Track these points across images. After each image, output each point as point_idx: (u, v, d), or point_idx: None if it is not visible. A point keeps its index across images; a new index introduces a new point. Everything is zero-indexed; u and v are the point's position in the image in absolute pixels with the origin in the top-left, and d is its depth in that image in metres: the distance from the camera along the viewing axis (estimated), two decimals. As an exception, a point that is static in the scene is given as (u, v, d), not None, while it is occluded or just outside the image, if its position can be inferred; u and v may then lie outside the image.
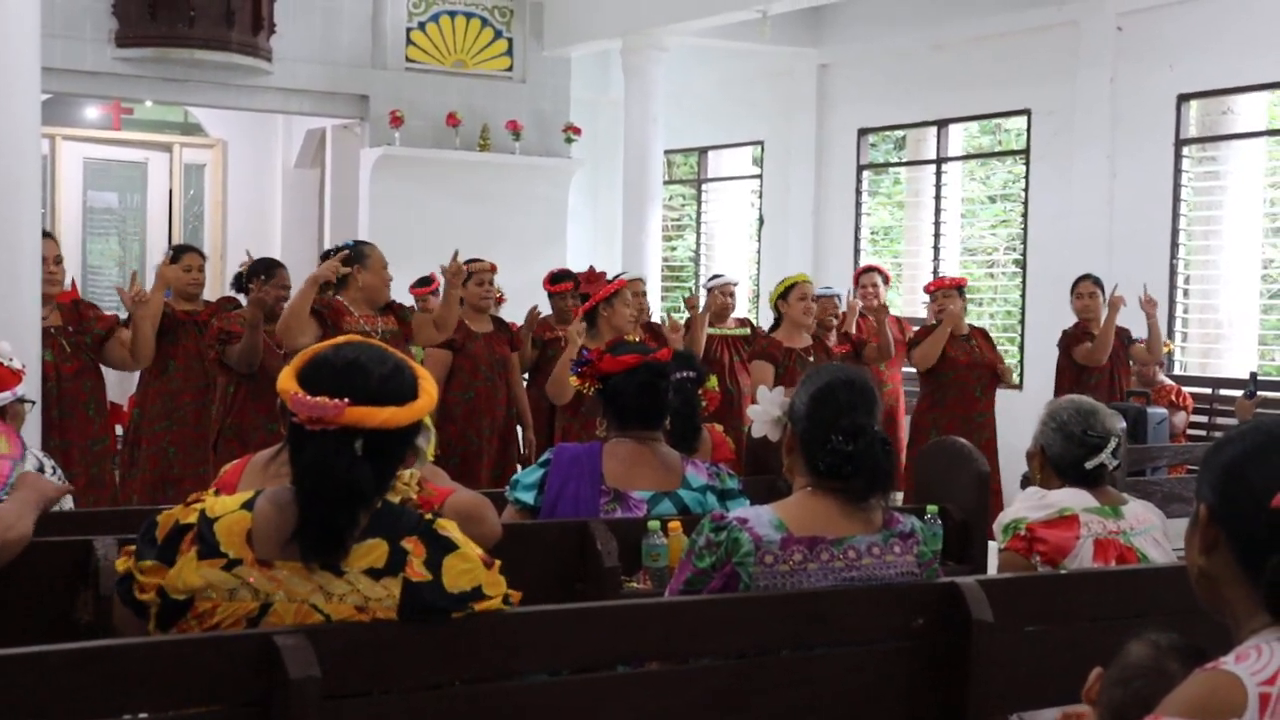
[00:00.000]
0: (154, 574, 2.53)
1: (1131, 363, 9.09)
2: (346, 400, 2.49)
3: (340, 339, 2.71)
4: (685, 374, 5.25)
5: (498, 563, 2.68)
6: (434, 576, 2.57)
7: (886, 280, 10.06)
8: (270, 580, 2.52)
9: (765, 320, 12.06)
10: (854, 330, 8.98)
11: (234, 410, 6.90)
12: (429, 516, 2.73)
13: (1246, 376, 9.27)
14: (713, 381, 4.98)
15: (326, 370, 2.57)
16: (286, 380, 2.57)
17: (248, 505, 2.57)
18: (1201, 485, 1.91)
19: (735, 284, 9.48)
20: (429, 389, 2.65)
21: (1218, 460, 1.89)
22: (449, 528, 2.66)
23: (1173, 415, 8.83)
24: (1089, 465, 3.79)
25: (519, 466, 7.68)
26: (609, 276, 7.93)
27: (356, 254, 6.73)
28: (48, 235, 6.51)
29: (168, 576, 2.51)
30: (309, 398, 2.50)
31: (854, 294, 9.58)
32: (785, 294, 8.11)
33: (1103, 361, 8.67)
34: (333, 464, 2.49)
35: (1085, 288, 8.89)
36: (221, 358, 6.86)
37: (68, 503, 4.48)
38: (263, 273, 7.26)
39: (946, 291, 8.40)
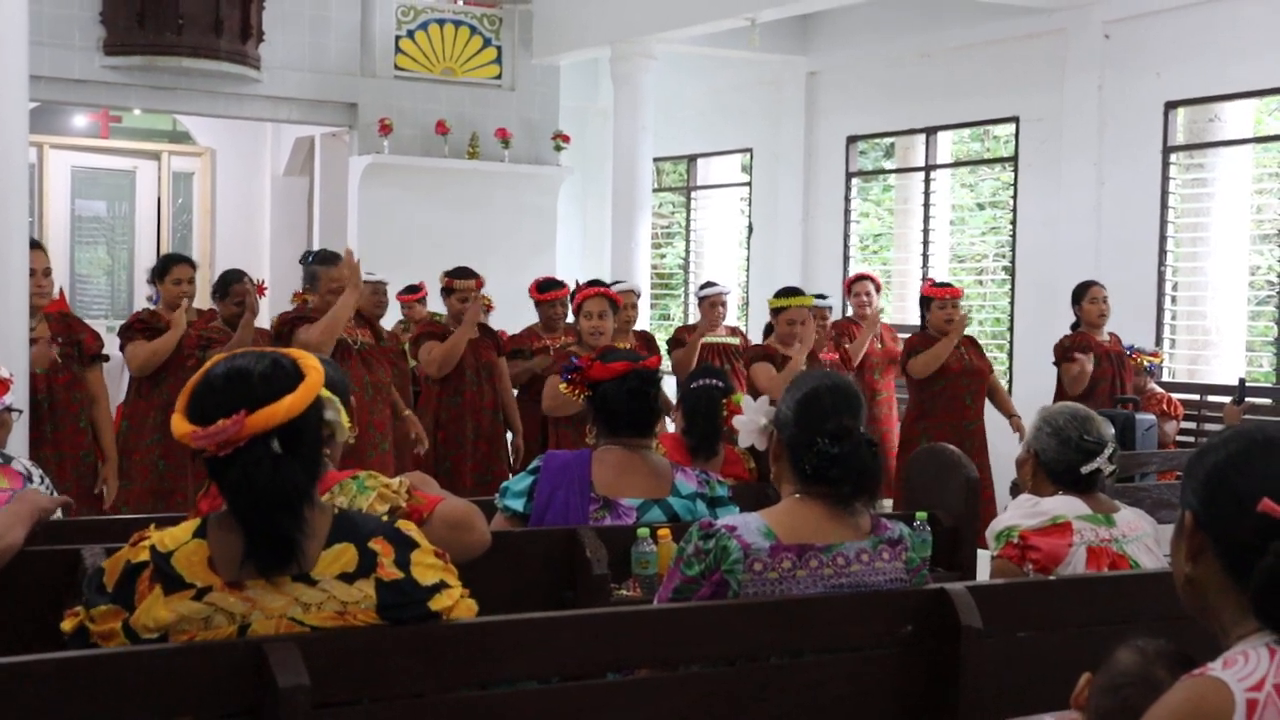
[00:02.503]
0: (111, 619, 2.48)
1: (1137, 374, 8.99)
2: (243, 411, 2.47)
3: (209, 362, 2.67)
4: (712, 382, 5.33)
5: (447, 555, 2.69)
6: (405, 574, 2.58)
7: (878, 288, 10.07)
8: (244, 601, 2.49)
9: (755, 324, 12.11)
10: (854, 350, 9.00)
11: None
12: (385, 518, 2.74)
13: (1234, 383, 9.29)
14: (738, 396, 5.03)
15: (209, 394, 2.54)
16: (179, 424, 2.53)
17: (199, 533, 2.53)
18: (1186, 492, 1.91)
19: (728, 293, 9.51)
20: (312, 363, 2.62)
21: (1201, 467, 1.90)
22: (409, 527, 2.68)
23: (1163, 424, 8.81)
24: (1085, 470, 3.79)
25: (508, 472, 7.70)
26: (590, 286, 8.04)
27: (308, 274, 6.66)
28: (38, 246, 6.48)
29: (135, 616, 2.46)
30: (206, 429, 2.47)
31: (847, 304, 9.57)
32: (778, 311, 8.07)
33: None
34: (258, 475, 2.46)
35: (1099, 292, 8.67)
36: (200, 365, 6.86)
37: (57, 513, 4.47)
38: (218, 292, 7.27)
39: (954, 301, 8.31)
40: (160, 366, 7.15)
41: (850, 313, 9.93)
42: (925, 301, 8.46)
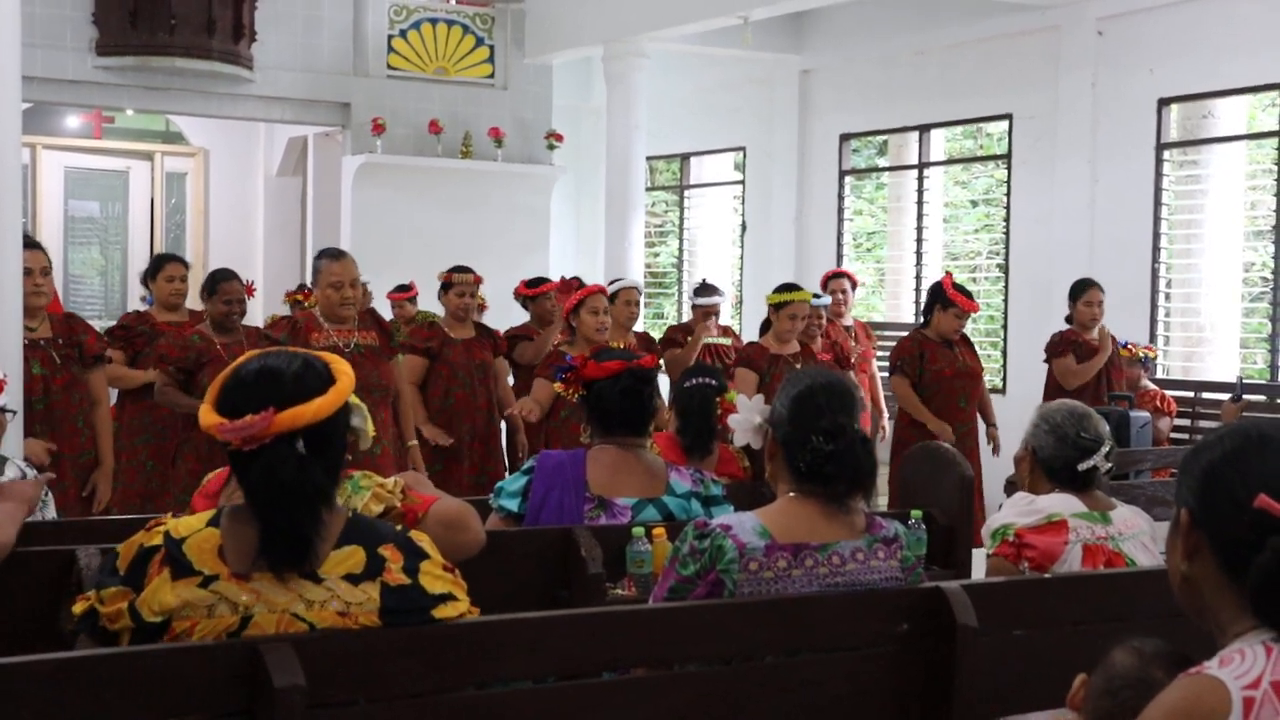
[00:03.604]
0: (119, 599, 2.51)
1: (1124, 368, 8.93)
2: (272, 408, 2.50)
3: (240, 359, 2.69)
4: (705, 380, 5.34)
5: (457, 570, 2.71)
6: (412, 581, 2.60)
7: (854, 285, 10.05)
8: (249, 593, 2.51)
9: (749, 323, 12.12)
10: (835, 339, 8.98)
11: (189, 426, 6.64)
12: (400, 528, 2.75)
13: (1229, 380, 9.30)
14: (732, 395, 5.06)
15: (240, 389, 2.57)
16: (207, 416, 2.56)
17: (213, 522, 2.57)
18: (1182, 490, 1.91)
19: (723, 296, 9.51)
20: (344, 368, 2.65)
21: (1197, 465, 1.90)
22: (421, 538, 2.69)
23: (1157, 420, 8.81)
24: (1082, 467, 3.79)
25: (504, 472, 7.69)
26: (583, 284, 8.01)
27: (314, 268, 6.64)
28: (37, 246, 6.43)
29: (141, 599, 2.49)
30: (235, 422, 2.50)
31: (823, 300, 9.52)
32: (780, 305, 7.93)
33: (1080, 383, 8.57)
34: (281, 472, 2.49)
35: (1095, 295, 8.55)
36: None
37: (50, 511, 4.47)
38: (206, 289, 7.24)
39: (970, 315, 8.19)
40: (146, 370, 7.15)
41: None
42: (941, 298, 8.15)
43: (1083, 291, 8.60)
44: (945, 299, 8.15)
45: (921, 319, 8.44)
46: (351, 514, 2.67)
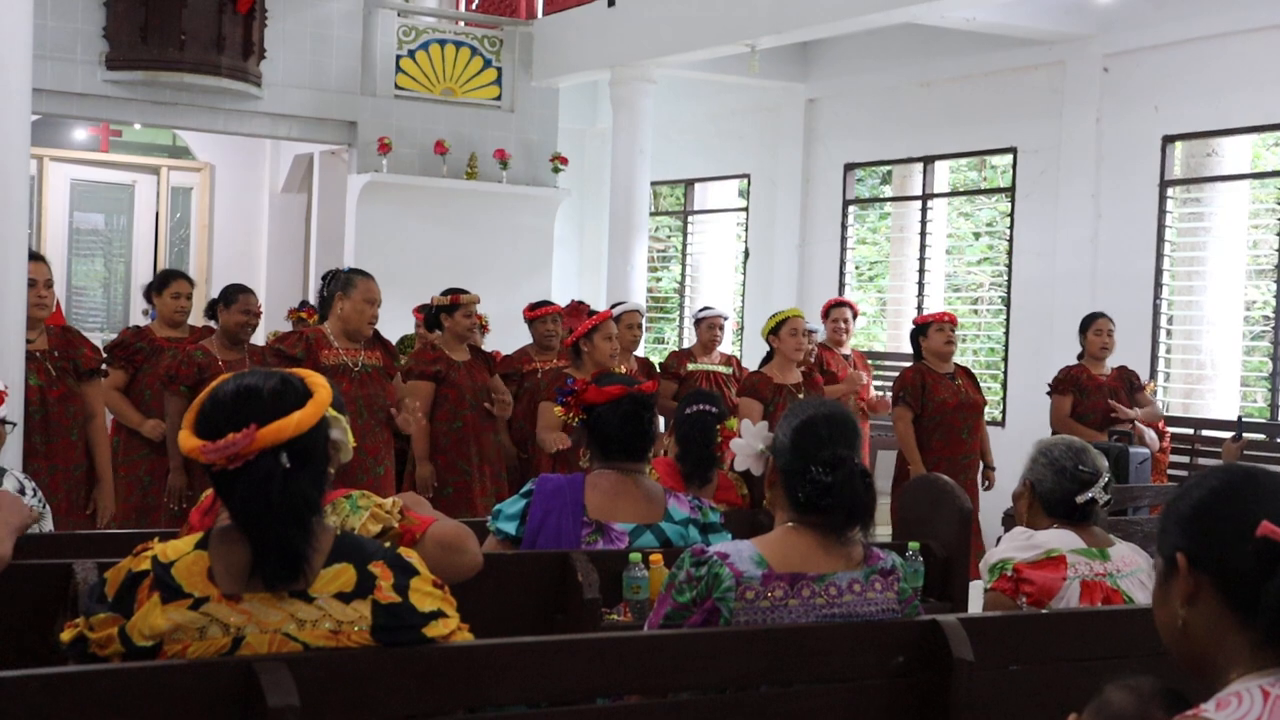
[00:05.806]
0: (109, 625, 2.49)
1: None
2: (253, 425, 2.49)
3: (214, 382, 2.68)
4: (706, 408, 5.33)
5: (446, 587, 2.70)
6: (403, 599, 2.59)
7: (855, 315, 10.03)
8: (240, 614, 2.51)
9: (749, 352, 12.12)
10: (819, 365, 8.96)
11: None
12: (387, 544, 2.75)
13: (1229, 417, 9.27)
14: (733, 422, 5.05)
15: (219, 410, 2.56)
16: (187, 440, 2.55)
17: (201, 545, 2.55)
18: (1171, 537, 1.90)
19: (725, 318, 9.47)
20: (320, 381, 2.65)
21: (1187, 505, 1.89)
22: (409, 554, 2.69)
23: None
24: (1080, 500, 3.80)
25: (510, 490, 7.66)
26: (593, 308, 7.95)
27: (343, 281, 6.65)
28: (40, 258, 6.43)
29: (131, 624, 2.48)
30: (217, 442, 2.50)
31: (823, 329, 9.51)
32: (776, 328, 7.95)
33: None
34: (269, 487, 2.48)
35: (1104, 324, 8.49)
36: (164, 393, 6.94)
37: (48, 524, 4.46)
38: (223, 299, 7.23)
39: (952, 325, 8.19)
40: (145, 384, 7.16)
41: (823, 338, 9.69)
42: (920, 329, 8.26)
43: (1090, 323, 8.55)
44: (919, 326, 8.33)
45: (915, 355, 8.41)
46: (339, 531, 2.66)
